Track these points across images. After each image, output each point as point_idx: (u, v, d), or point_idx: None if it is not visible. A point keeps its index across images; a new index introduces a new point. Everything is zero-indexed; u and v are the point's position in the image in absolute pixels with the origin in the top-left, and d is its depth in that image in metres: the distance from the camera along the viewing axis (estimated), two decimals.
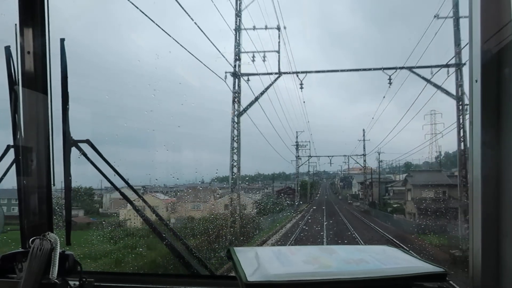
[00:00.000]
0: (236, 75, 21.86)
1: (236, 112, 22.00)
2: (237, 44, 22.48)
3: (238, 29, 22.54)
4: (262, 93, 22.31)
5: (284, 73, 22.40)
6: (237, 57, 22.31)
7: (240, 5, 22.48)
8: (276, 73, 22.09)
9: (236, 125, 22.09)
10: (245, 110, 22.22)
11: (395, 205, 37.20)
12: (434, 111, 38.70)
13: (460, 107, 19.21)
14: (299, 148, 45.08)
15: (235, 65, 21.93)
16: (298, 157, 45.99)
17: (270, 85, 22.22)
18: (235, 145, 22.15)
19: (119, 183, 2.05)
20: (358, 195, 56.30)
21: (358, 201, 53.24)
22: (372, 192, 47.76)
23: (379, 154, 44.33)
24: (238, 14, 22.50)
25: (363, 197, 52.05)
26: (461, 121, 19.43)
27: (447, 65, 19.51)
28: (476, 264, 1.31)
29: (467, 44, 1.44)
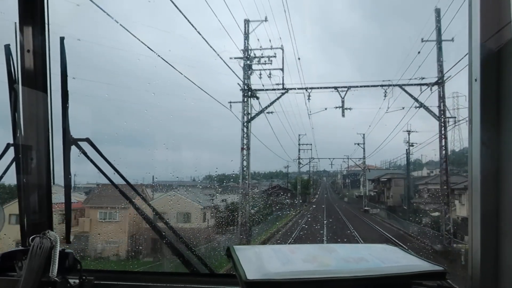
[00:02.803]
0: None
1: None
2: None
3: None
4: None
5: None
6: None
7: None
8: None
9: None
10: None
11: (433, 214, 24.18)
12: (457, 93, 29.96)
13: None
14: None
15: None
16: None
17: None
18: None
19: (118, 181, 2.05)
20: (374, 197, 41.74)
21: (377, 207, 37.21)
22: (392, 193, 34.57)
23: (409, 134, 29.57)
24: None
25: (377, 199, 39.00)
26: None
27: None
28: (475, 263, 1.31)
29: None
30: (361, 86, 23.12)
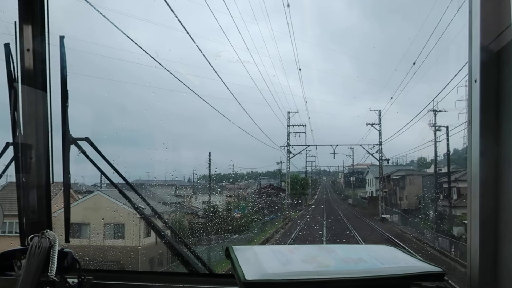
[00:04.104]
0: None
1: None
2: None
3: None
4: None
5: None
6: None
7: None
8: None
9: None
10: None
11: None
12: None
13: None
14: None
15: None
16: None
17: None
18: None
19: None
20: (384, 199, 30.22)
21: (394, 212, 27.84)
22: (407, 194, 26.99)
23: (435, 114, 23.64)
24: None
25: (387, 201, 29.54)
26: None
27: None
28: (474, 264, 1.31)
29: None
30: None
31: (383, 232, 21.73)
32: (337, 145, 33.15)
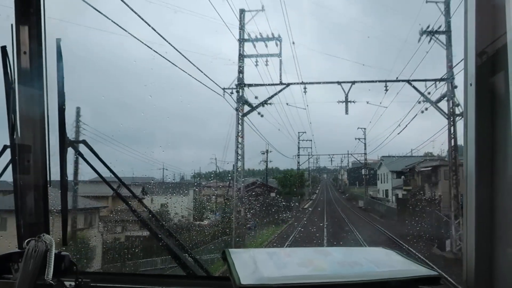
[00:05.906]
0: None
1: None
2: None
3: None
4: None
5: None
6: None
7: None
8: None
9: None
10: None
11: None
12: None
13: None
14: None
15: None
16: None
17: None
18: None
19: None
20: (405, 201, 22.17)
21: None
22: (441, 193, 18.74)
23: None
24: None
25: (410, 203, 19.92)
26: None
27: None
28: (470, 266, 1.31)
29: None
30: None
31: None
32: (352, 83, 18.39)
